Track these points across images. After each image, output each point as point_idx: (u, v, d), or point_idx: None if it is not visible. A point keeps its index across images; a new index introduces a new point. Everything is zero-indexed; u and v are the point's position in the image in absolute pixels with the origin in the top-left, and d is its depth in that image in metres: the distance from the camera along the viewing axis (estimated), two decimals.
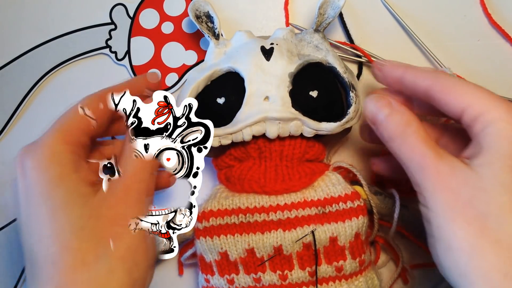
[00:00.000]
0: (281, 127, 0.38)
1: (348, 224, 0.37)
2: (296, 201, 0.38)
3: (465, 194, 0.30)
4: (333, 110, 0.39)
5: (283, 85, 0.38)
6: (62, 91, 0.45)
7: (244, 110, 0.38)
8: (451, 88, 0.32)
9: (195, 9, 0.41)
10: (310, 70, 0.39)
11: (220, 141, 0.39)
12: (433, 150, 0.31)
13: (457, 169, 0.30)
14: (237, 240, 0.38)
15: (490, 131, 0.30)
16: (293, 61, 0.38)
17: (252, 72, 0.38)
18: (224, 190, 0.40)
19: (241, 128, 0.38)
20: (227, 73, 0.39)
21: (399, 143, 0.33)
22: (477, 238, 0.29)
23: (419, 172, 0.31)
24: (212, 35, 0.41)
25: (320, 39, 0.40)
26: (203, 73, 0.39)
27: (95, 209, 0.31)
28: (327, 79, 0.39)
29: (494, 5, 0.44)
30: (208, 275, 0.39)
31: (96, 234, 0.31)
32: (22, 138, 0.45)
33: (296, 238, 0.37)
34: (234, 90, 0.38)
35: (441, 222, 0.30)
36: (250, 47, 0.39)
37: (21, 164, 0.32)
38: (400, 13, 0.44)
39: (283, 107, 0.37)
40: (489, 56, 0.44)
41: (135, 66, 0.45)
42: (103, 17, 0.45)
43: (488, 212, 0.29)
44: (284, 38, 0.40)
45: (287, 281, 0.37)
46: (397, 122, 0.33)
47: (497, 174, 0.29)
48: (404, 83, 0.35)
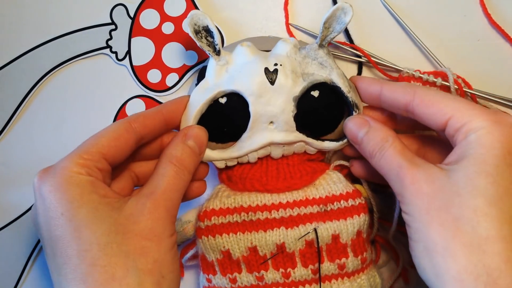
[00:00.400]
0: (286, 149, 0.39)
1: (350, 222, 0.38)
2: (298, 199, 0.38)
3: (440, 199, 0.31)
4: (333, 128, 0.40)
5: (287, 110, 0.37)
6: (62, 91, 0.45)
7: (249, 134, 0.38)
8: (432, 101, 0.34)
9: (194, 23, 0.37)
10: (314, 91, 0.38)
11: (226, 164, 0.39)
12: (409, 160, 0.33)
13: (433, 175, 0.32)
14: (239, 238, 0.38)
15: (470, 139, 0.31)
16: (297, 83, 0.37)
17: (256, 97, 0.37)
18: (226, 189, 0.40)
19: (247, 153, 0.38)
20: (231, 93, 0.38)
21: (378, 158, 0.35)
22: (451, 241, 0.30)
23: (398, 182, 0.33)
24: (212, 51, 0.38)
25: (324, 56, 0.39)
26: (206, 94, 0.38)
27: (121, 225, 0.31)
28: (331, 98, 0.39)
29: (494, 5, 0.44)
30: (210, 275, 0.39)
31: (123, 249, 0.31)
32: (22, 138, 0.45)
33: (298, 236, 0.37)
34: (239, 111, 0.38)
35: (418, 226, 0.31)
36: (253, 68, 0.37)
37: (38, 188, 0.31)
38: (400, 13, 0.44)
39: (287, 132, 0.38)
40: (489, 56, 0.44)
41: (135, 66, 0.45)
42: (104, 17, 0.45)
43: (461, 215, 0.30)
44: (288, 55, 0.38)
45: (290, 279, 0.37)
46: (375, 139, 0.35)
47: (471, 178, 0.30)
48: (382, 99, 0.36)
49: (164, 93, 0.45)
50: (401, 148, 0.34)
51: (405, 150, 0.34)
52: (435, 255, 0.30)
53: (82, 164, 0.32)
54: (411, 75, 0.42)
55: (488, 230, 0.29)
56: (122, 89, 0.45)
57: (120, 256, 0.30)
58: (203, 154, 0.38)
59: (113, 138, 0.34)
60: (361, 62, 0.44)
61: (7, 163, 0.45)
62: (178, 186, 0.34)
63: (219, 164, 0.39)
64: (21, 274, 0.44)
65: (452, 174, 0.31)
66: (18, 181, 0.45)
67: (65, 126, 0.45)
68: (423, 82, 0.42)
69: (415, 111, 0.34)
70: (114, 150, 0.33)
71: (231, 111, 0.38)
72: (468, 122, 0.32)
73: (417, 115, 0.35)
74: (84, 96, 0.45)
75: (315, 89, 0.38)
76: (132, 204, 0.32)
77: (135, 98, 0.45)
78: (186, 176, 0.35)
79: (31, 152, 0.45)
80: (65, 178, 0.31)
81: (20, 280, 0.44)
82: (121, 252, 0.30)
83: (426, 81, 0.41)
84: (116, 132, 0.34)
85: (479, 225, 0.29)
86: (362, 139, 0.36)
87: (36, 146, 0.45)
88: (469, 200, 0.30)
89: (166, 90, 0.45)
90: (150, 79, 0.45)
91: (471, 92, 0.42)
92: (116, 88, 0.45)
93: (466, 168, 0.31)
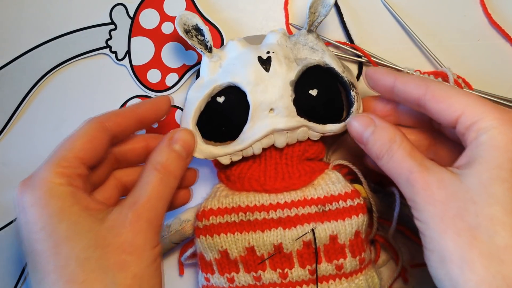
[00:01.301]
0: (289, 136, 0.38)
1: (348, 222, 0.37)
2: (296, 199, 0.38)
3: (455, 206, 0.30)
4: (333, 109, 0.39)
5: (286, 95, 0.37)
6: (62, 91, 0.45)
7: (250, 125, 0.38)
8: (444, 96, 0.32)
9: (183, 23, 0.38)
10: (310, 74, 0.39)
11: (231, 158, 0.39)
12: (419, 164, 0.31)
13: (446, 181, 0.30)
14: (237, 238, 0.38)
15: (482, 140, 0.30)
16: (292, 68, 0.38)
17: (253, 85, 0.37)
18: (224, 188, 0.40)
19: (251, 143, 0.38)
20: (228, 87, 0.38)
21: (386, 160, 0.33)
22: (467, 251, 0.29)
23: (408, 187, 0.31)
24: (204, 49, 0.39)
25: (314, 40, 0.40)
26: (202, 91, 0.38)
27: (101, 239, 0.30)
28: (327, 79, 0.39)
29: (494, 5, 0.44)
30: (208, 274, 0.39)
31: (102, 263, 0.30)
32: (22, 138, 0.45)
33: (296, 236, 0.37)
34: (238, 103, 0.38)
35: (433, 235, 0.30)
36: (246, 58, 0.38)
37: (20, 201, 0.31)
38: (400, 13, 0.44)
39: (289, 117, 0.37)
40: (489, 56, 0.44)
41: (135, 66, 0.45)
42: (103, 17, 0.45)
43: (477, 224, 0.29)
44: (278, 43, 0.39)
45: (287, 279, 0.37)
46: (381, 139, 0.34)
47: (486, 185, 0.29)
48: (395, 92, 0.35)
49: (164, 93, 0.45)
50: (410, 149, 0.32)
51: (414, 151, 0.32)
52: (452, 266, 0.29)
53: (61, 173, 0.31)
54: None
55: (506, 239, 0.28)
56: (122, 89, 0.45)
57: (98, 271, 0.30)
58: (191, 157, 0.37)
59: (87, 140, 0.33)
60: (361, 62, 0.44)
61: (7, 163, 0.45)
62: (162, 194, 0.33)
63: (224, 160, 0.39)
64: (21, 274, 0.44)
65: (465, 179, 0.30)
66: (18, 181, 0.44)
67: (65, 126, 0.45)
68: None
69: (426, 106, 0.33)
70: (90, 153, 0.33)
71: (230, 109, 0.38)
72: (479, 120, 0.30)
73: (428, 110, 0.33)
74: (84, 96, 0.45)
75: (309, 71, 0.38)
76: (115, 215, 0.32)
77: (135, 98, 0.45)
78: (172, 182, 0.34)
79: (31, 152, 0.45)
80: (45, 190, 0.30)
81: (20, 280, 0.44)
82: (100, 267, 0.30)
83: None
84: (89, 134, 0.33)
85: (497, 234, 0.28)
86: (368, 140, 0.35)
87: (36, 146, 0.45)
88: (485, 208, 0.29)
89: (166, 90, 0.45)
90: (150, 79, 0.45)
91: (471, 92, 0.42)
92: (115, 88, 0.45)
93: (479, 174, 0.30)
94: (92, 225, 0.31)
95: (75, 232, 0.30)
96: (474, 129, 0.31)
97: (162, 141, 0.35)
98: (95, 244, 0.30)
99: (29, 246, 0.30)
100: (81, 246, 0.30)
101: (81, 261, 0.29)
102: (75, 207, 0.31)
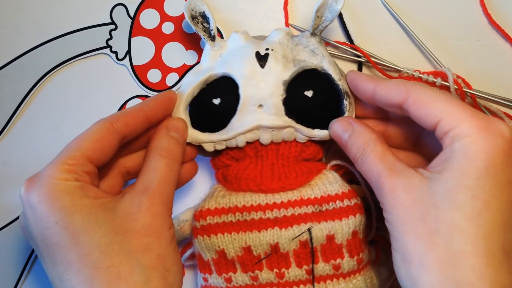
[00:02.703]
0: (274, 134, 0.39)
1: (345, 222, 0.37)
2: (293, 199, 0.38)
3: (418, 210, 0.31)
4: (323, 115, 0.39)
5: (277, 93, 0.38)
6: (62, 91, 0.45)
7: (238, 117, 0.38)
8: (424, 101, 0.33)
9: (191, 9, 0.40)
10: (305, 77, 0.39)
11: (214, 147, 0.40)
12: (389, 168, 0.33)
13: (413, 185, 0.31)
14: (234, 238, 0.38)
15: (455, 147, 0.31)
16: (287, 68, 0.38)
17: (246, 79, 0.38)
18: (222, 189, 0.40)
19: (235, 135, 0.38)
20: (222, 77, 0.39)
21: (360, 163, 0.35)
22: (425, 253, 0.30)
23: (378, 190, 0.33)
24: (208, 37, 0.40)
25: (316, 44, 0.40)
26: (198, 77, 0.39)
27: (119, 225, 0.31)
28: (322, 85, 0.39)
29: (494, 5, 0.44)
30: (206, 274, 0.39)
31: (125, 248, 0.31)
32: (22, 138, 0.45)
33: (292, 236, 0.37)
34: (229, 94, 0.38)
35: (397, 236, 0.32)
36: (244, 52, 0.38)
37: (26, 199, 0.31)
38: (400, 13, 0.44)
39: (276, 116, 0.38)
40: (489, 56, 0.44)
41: (135, 66, 0.45)
42: (104, 17, 0.45)
43: (437, 228, 0.30)
44: (280, 42, 0.39)
45: (284, 279, 0.37)
46: (356, 143, 0.35)
47: (450, 192, 0.30)
48: (376, 98, 0.36)
49: None
50: (381, 153, 0.34)
51: (385, 155, 0.34)
52: (411, 266, 0.30)
53: (68, 170, 0.32)
54: (410, 75, 0.42)
55: (463, 245, 0.29)
56: (122, 89, 0.45)
57: (123, 255, 0.30)
58: (185, 143, 0.38)
59: (95, 140, 0.33)
60: (361, 62, 0.44)
61: (7, 163, 0.45)
62: (171, 179, 0.35)
63: (208, 147, 0.39)
64: (21, 274, 0.44)
65: (432, 184, 0.31)
66: (18, 181, 0.45)
67: (65, 126, 0.45)
68: (422, 82, 0.41)
69: (409, 111, 0.34)
70: (98, 152, 0.33)
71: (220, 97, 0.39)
72: (455, 126, 0.31)
73: (410, 115, 0.34)
74: (84, 96, 0.45)
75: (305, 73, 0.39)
76: (128, 202, 0.32)
77: (135, 98, 0.45)
78: (176, 166, 0.36)
79: (31, 152, 0.45)
80: (53, 186, 0.31)
81: (20, 280, 0.44)
82: (124, 251, 0.31)
83: (425, 81, 0.41)
84: (98, 134, 0.34)
85: (454, 240, 0.29)
86: (346, 143, 0.36)
87: (36, 146, 0.45)
88: (446, 214, 0.30)
89: (166, 89, 0.45)
90: (150, 79, 0.45)
91: (471, 92, 0.42)
92: (116, 88, 0.45)
93: (447, 180, 0.30)
94: (105, 214, 0.31)
95: (91, 222, 0.31)
96: (450, 135, 0.31)
97: (160, 129, 0.37)
98: (114, 231, 0.31)
99: (43, 241, 0.31)
100: (100, 234, 0.30)
101: (104, 248, 0.30)
102: (85, 199, 0.31)
